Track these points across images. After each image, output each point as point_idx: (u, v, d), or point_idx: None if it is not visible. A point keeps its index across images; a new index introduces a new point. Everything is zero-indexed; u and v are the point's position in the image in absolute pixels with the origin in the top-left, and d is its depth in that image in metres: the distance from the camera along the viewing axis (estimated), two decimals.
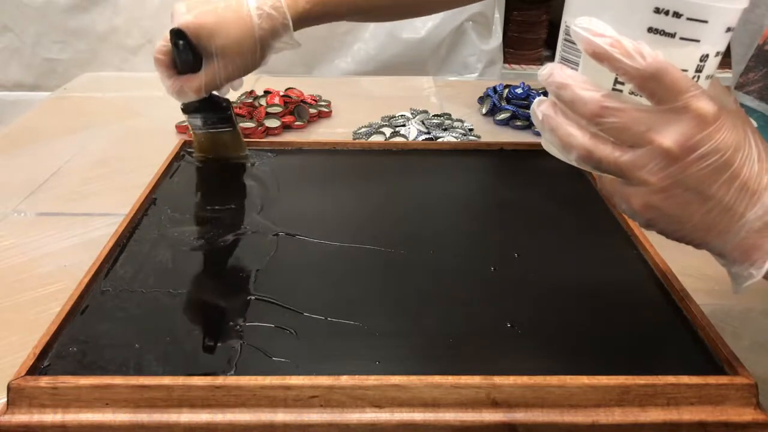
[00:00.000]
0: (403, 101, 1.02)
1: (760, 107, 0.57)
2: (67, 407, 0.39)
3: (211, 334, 0.44)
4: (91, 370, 0.41)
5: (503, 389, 0.39)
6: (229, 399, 0.39)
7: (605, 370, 0.40)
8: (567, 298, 0.49)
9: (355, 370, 0.40)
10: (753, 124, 0.37)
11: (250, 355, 0.42)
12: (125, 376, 0.40)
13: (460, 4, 0.81)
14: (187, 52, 0.61)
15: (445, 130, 0.89)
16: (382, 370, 0.40)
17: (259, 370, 0.40)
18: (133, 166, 0.80)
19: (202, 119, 0.67)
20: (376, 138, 0.88)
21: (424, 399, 0.39)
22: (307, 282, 0.50)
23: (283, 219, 0.58)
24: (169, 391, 0.39)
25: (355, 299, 0.48)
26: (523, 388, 0.39)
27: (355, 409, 0.39)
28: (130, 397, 0.39)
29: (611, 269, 0.53)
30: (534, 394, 0.39)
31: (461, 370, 0.40)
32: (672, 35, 0.35)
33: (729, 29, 0.36)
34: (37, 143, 0.88)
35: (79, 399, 0.39)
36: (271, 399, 0.39)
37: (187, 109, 0.67)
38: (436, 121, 0.91)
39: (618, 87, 0.36)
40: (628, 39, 0.34)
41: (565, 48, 0.39)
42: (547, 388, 0.39)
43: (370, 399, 0.39)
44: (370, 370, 0.40)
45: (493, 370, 0.39)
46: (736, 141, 0.34)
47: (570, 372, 0.39)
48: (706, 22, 0.34)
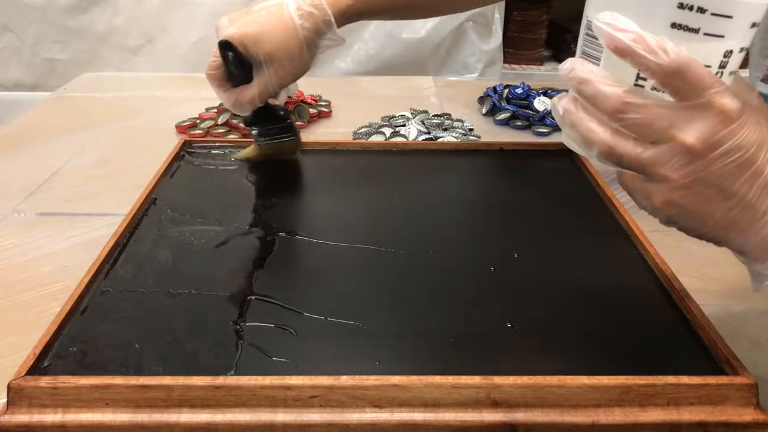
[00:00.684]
0: (403, 101, 1.02)
1: None
2: (67, 407, 0.39)
3: (211, 334, 0.44)
4: (91, 370, 0.41)
5: (503, 389, 0.39)
6: (229, 399, 0.39)
7: (605, 370, 0.40)
8: (567, 298, 0.49)
9: (355, 370, 0.40)
10: None
11: (250, 355, 0.42)
12: (125, 376, 0.40)
13: (487, 3, 0.81)
14: (237, 64, 0.61)
15: (445, 130, 0.89)
16: (382, 370, 0.40)
17: (259, 370, 0.40)
18: (133, 166, 0.80)
19: (263, 131, 0.67)
20: (376, 138, 0.88)
21: (424, 399, 0.39)
22: (307, 282, 0.50)
23: (283, 219, 0.58)
24: (169, 391, 0.39)
25: (355, 299, 0.48)
26: (523, 388, 0.39)
27: (355, 409, 0.39)
28: (130, 397, 0.39)
29: (611, 269, 0.53)
30: (534, 394, 0.39)
31: (461, 370, 0.40)
32: (696, 31, 0.34)
33: (754, 25, 0.35)
34: (37, 143, 0.88)
35: (79, 399, 0.39)
36: (271, 399, 0.39)
37: (246, 123, 0.67)
38: (436, 121, 0.91)
39: (640, 82, 0.36)
40: (651, 34, 0.34)
41: (586, 43, 0.39)
42: (547, 388, 0.39)
43: (370, 399, 0.39)
44: (370, 370, 0.40)
45: (493, 370, 0.39)
46: (760, 138, 0.34)
47: (570, 372, 0.39)
48: (731, 17, 0.34)
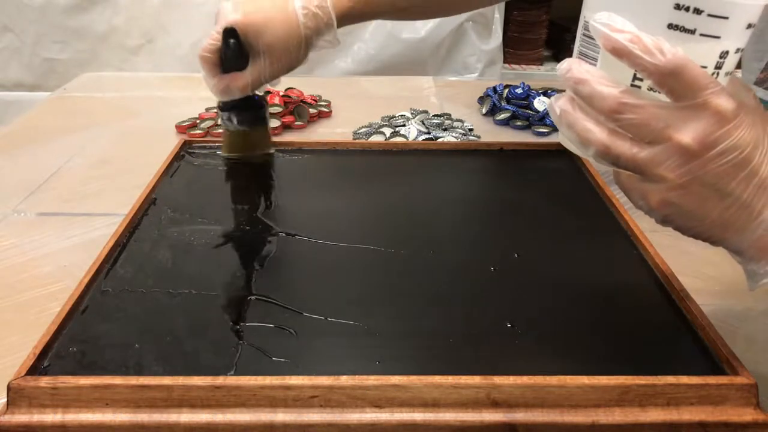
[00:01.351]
0: (403, 101, 1.02)
1: None
2: (67, 407, 0.39)
3: (210, 334, 0.44)
4: (91, 370, 0.41)
5: (503, 389, 0.39)
6: (229, 399, 0.39)
7: (605, 370, 0.40)
8: (567, 298, 0.49)
9: (355, 370, 0.40)
10: None
11: (250, 355, 0.42)
12: (125, 376, 0.40)
13: (485, 5, 0.81)
14: (237, 51, 0.62)
15: (445, 130, 0.89)
16: (382, 370, 0.40)
17: (259, 370, 0.40)
18: (133, 166, 0.80)
19: (237, 117, 0.68)
20: (376, 138, 0.88)
21: (424, 399, 0.39)
22: (307, 282, 0.50)
23: (283, 219, 0.58)
24: (169, 391, 0.39)
25: (355, 299, 0.48)
26: (523, 388, 0.39)
27: (355, 409, 0.39)
28: (130, 397, 0.39)
29: (611, 269, 0.53)
30: (534, 394, 0.39)
31: (461, 370, 0.40)
32: (692, 31, 0.34)
33: (750, 26, 0.35)
34: (37, 143, 0.88)
35: (79, 399, 0.39)
36: (271, 399, 0.39)
37: (225, 107, 0.68)
38: (436, 121, 0.91)
39: (636, 83, 0.36)
40: (648, 35, 0.34)
41: (583, 43, 0.39)
42: (547, 388, 0.39)
43: (370, 399, 0.39)
44: (370, 370, 0.40)
45: (493, 370, 0.39)
46: (755, 138, 0.34)
47: (570, 372, 0.39)
48: (727, 18, 0.34)
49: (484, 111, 0.99)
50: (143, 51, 1.71)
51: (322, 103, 1.00)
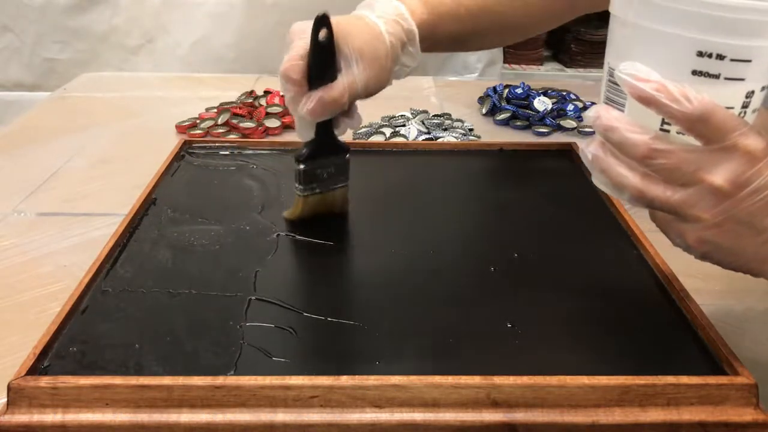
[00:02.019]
0: (403, 101, 1.02)
1: None
2: (67, 407, 0.39)
3: (211, 334, 0.44)
4: (91, 370, 0.40)
5: (503, 389, 0.39)
6: (229, 399, 0.39)
7: (605, 370, 0.40)
8: (567, 298, 0.49)
9: (355, 370, 0.40)
10: None
11: (250, 355, 0.42)
12: (125, 376, 0.40)
13: (559, 23, 0.76)
14: (330, 49, 0.52)
15: (445, 130, 0.89)
16: (382, 370, 0.40)
17: (259, 370, 0.40)
18: (133, 166, 0.80)
19: (319, 171, 0.56)
20: (376, 138, 0.88)
21: (424, 399, 0.39)
22: (307, 282, 0.50)
23: (283, 219, 0.58)
24: (169, 391, 0.39)
25: (355, 299, 0.48)
26: (523, 388, 0.39)
27: (355, 409, 0.39)
28: (130, 397, 0.39)
29: (611, 269, 0.53)
30: (534, 394, 0.39)
31: (461, 370, 0.40)
32: (716, 76, 0.35)
33: None
34: (37, 143, 0.88)
35: (79, 399, 0.39)
36: (271, 399, 0.39)
37: (304, 156, 0.56)
38: (436, 121, 0.91)
39: (665, 127, 0.36)
40: (673, 82, 0.34)
41: (609, 89, 0.39)
42: (547, 388, 0.39)
43: (370, 399, 0.39)
44: (370, 370, 0.40)
45: (493, 370, 0.39)
46: None
47: (570, 372, 0.39)
48: (750, 61, 0.35)
49: (484, 111, 0.99)
50: (143, 51, 1.71)
51: None
